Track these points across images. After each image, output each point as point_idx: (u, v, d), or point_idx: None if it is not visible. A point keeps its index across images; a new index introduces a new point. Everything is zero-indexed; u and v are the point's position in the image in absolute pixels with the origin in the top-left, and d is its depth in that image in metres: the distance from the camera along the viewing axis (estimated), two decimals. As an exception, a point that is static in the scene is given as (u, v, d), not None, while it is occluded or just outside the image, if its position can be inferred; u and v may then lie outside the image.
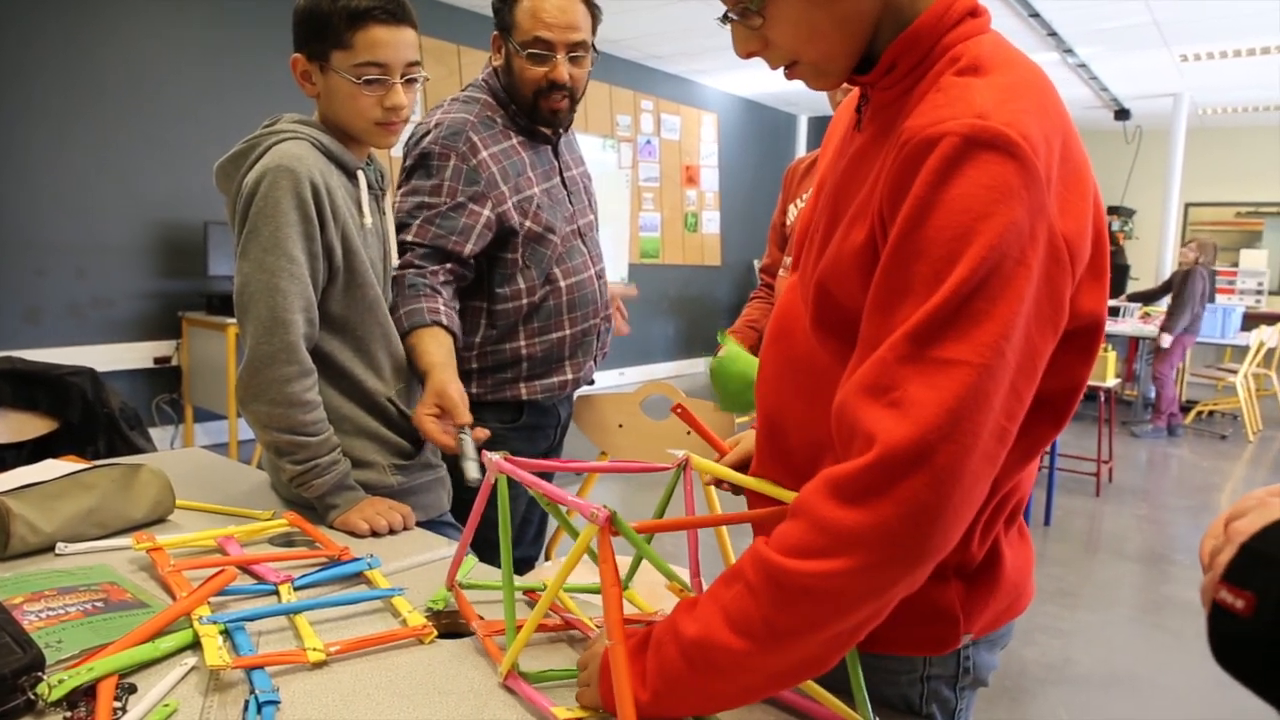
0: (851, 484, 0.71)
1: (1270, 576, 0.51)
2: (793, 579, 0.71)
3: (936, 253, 0.70)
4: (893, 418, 0.70)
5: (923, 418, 0.68)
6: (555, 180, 1.78)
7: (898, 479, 0.69)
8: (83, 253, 4.55)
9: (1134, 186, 10.28)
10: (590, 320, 1.84)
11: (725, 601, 0.76)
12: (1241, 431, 7.07)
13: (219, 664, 0.87)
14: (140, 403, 4.74)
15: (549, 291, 1.76)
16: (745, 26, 0.83)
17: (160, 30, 4.73)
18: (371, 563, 1.20)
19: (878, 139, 0.82)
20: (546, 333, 1.77)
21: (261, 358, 1.32)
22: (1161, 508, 4.82)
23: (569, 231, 1.78)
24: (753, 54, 0.85)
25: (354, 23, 1.34)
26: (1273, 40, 6.50)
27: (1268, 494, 0.61)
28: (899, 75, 0.81)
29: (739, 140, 9.41)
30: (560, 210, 1.77)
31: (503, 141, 1.70)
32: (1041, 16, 5.97)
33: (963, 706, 0.95)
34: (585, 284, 1.81)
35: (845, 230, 0.82)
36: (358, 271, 1.43)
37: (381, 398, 1.48)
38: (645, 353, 8.51)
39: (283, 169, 1.32)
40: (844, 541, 0.70)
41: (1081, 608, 3.37)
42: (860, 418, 0.72)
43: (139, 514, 1.32)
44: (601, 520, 0.75)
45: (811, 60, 0.84)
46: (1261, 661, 0.50)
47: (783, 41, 0.82)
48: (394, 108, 1.40)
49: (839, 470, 0.72)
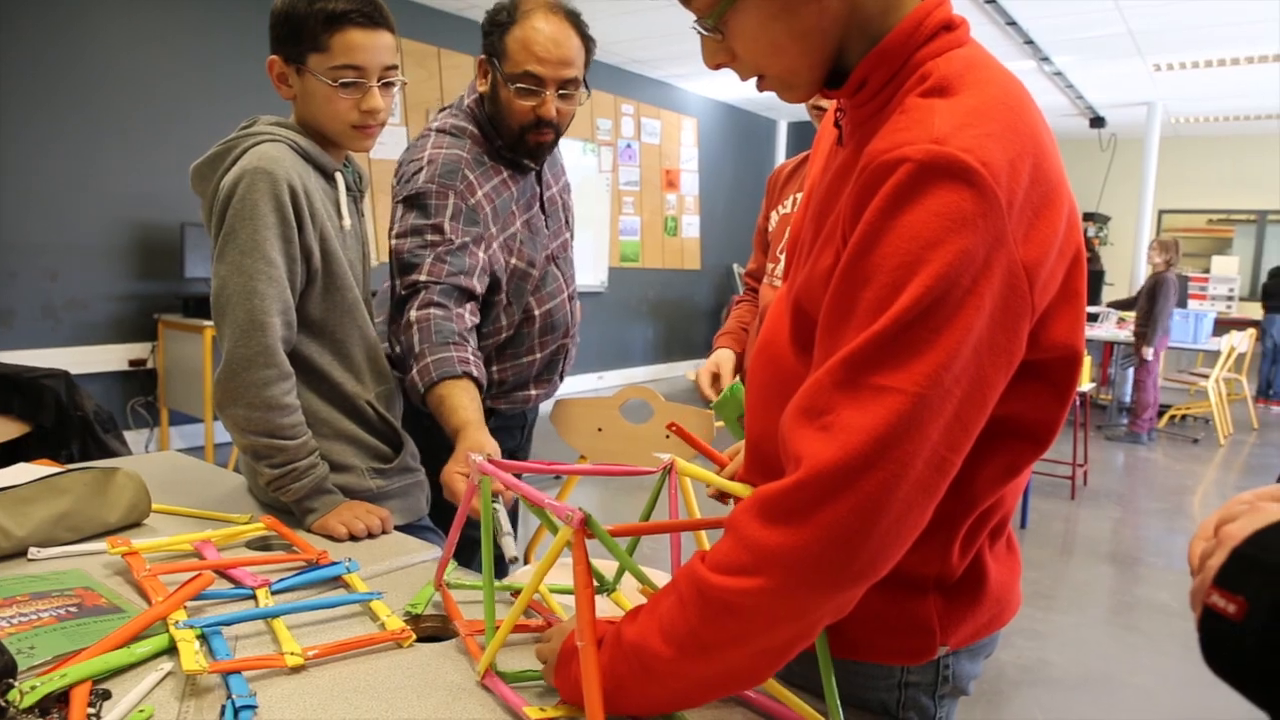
0: (777, 504, 0.71)
1: (1262, 581, 0.51)
2: (716, 594, 0.72)
3: (882, 280, 0.69)
4: (821, 440, 0.70)
5: (850, 443, 0.68)
6: (535, 208, 1.75)
7: (822, 502, 0.69)
8: (56, 254, 4.50)
9: (1109, 193, 10.41)
10: (560, 341, 1.83)
11: (660, 611, 0.77)
12: (1213, 435, 7.17)
13: (195, 669, 0.86)
14: (115, 406, 4.69)
15: (523, 320, 1.74)
16: (713, 39, 0.83)
17: (137, 30, 4.69)
18: (350, 567, 1.19)
19: (856, 155, 0.81)
20: (517, 358, 1.77)
21: (239, 361, 1.31)
22: (1135, 511, 4.87)
23: (544, 258, 1.75)
24: (721, 65, 0.85)
25: (331, 26, 1.33)
26: (1243, 52, 6.61)
27: (1257, 497, 0.62)
28: (870, 93, 0.80)
29: (719, 145, 9.45)
30: (538, 240, 1.74)
31: (494, 178, 1.65)
32: (1019, 25, 6.04)
33: (942, 715, 0.95)
34: (558, 309, 1.79)
35: (819, 251, 0.82)
36: (336, 274, 1.43)
37: (361, 401, 1.47)
38: (624, 356, 8.51)
39: (260, 171, 1.32)
40: (764, 561, 0.70)
41: (1057, 610, 3.40)
42: (792, 438, 0.73)
43: (114, 518, 1.31)
44: (575, 523, 0.76)
45: (775, 74, 0.84)
46: (1253, 665, 0.51)
47: (746, 55, 0.82)
48: (370, 111, 1.39)
49: (768, 489, 0.72)
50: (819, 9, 0.78)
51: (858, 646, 0.87)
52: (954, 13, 0.81)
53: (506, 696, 0.87)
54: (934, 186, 0.69)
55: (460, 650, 1.00)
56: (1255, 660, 0.50)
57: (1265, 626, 0.50)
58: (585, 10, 1.74)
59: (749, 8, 0.78)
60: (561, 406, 2.12)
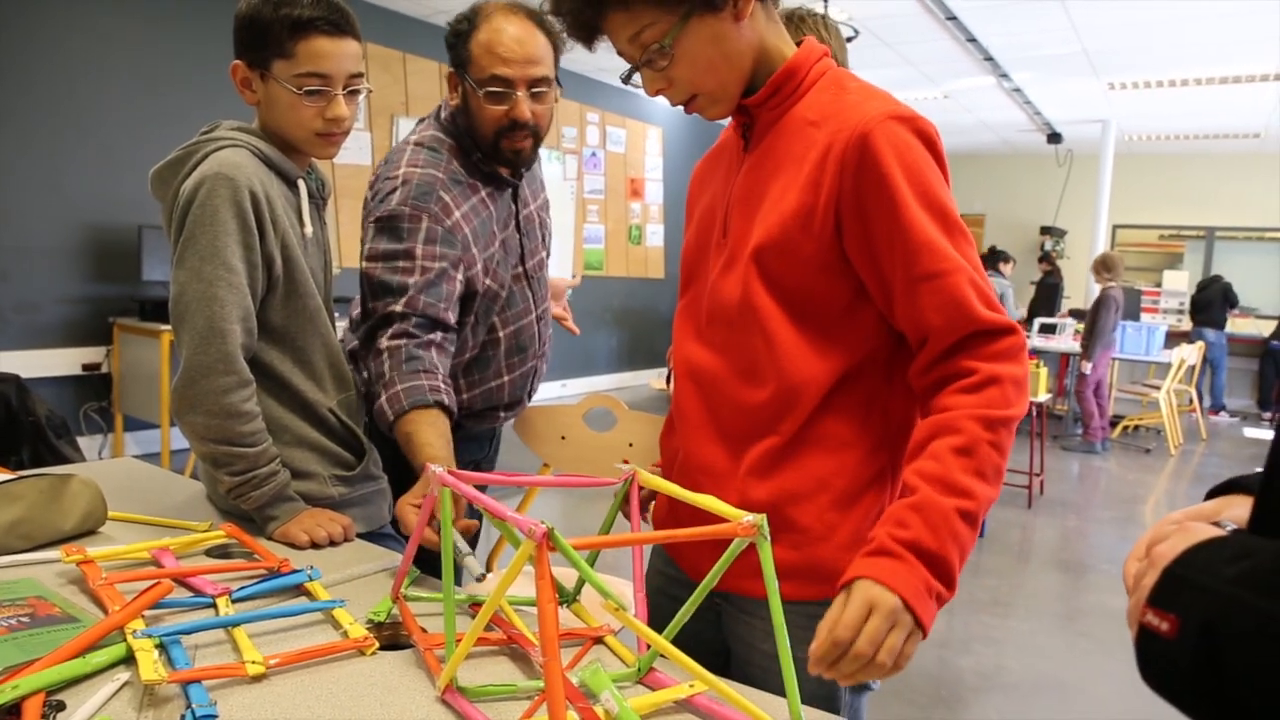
0: (1009, 352, 0.99)
1: (1192, 599, 0.53)
2: (1012, 422, 0.98)
3: (936, 203, 1.00)
4: (999, 314, 1.00)
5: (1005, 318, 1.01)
6: (510, 228, 1.70)
7: (1023, 348, 1.01)
8: (6, 255, 4.40)
9: (1065, 207, 10.63)
10: (529, 363, 1.80)
11: (974, 464, 0.95)
12: (1164, 445, 7.33)
13: (154, 678, 0.85)
14: (68, 411, 4.58)
15: (488, 341, 1.70)
16: (652, 70, 1.05)
17: (94, 28, 4.60)
18: (312, 575, 1.18)
19: (774, 144, 1.09)
20: (485, 383, 1.73)
21: (198, 368, 1.29)
22: (1089, 519, 4.97)
23: (513, 277, 1.71)
24: (660, 92, 1.08)
25: (296, 32, 1.32)
26: (1192, 74, 6.80)
27: (1185, 517, 0.65)
28: (784, 96, 1.08)
29: (683, 154, 9.49)
30: (511, 259, 1.70)
31: (471, 197, 1.59)
32: (978, 42, 6.16)
33: None
34: (525, 330, 1.75)
35: (771, 207, 1.06)
36: (298, 281, 1.41)
37: (323, 408, 1.46)
38: (588, 364, 8.50)
39: (222, 177, 1.30)
40: (1022, 390, 1.00)
41: (1013, 617, 3.46)
42: (982, 317, 0.99)
43: (69, 525, 1.28)
44: (539, 537, 0.76)
45: (709, 90, 1.07)
46: (1186, 681, 0.52)
47: (685, 77, 1.05)
48: (335, 119, 1.38)
49: (1003, 346, 0.99)
50: (739, 36, 1.04)
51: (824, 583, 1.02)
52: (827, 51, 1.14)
53: (468, 714, 0.87)
54: (929, 136, 1.03)
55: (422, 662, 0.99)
56: (1188, 676, 0.52)
57: (1196, 644, 0.51)
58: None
59: (692, 33, 1.01)
60: (525, 414, 2.11)
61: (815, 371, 1.06)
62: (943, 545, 0.91)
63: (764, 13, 1.07)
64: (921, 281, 0.99)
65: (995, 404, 0.96)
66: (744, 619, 1.14)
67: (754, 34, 1.05)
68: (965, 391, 0.97)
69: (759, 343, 1.08)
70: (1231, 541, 0.56)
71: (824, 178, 1.02)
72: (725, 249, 1.13)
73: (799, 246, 1.04)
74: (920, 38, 6.04)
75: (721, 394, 1.13)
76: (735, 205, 1.12)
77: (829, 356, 1.06)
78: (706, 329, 1.16)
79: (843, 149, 1.00)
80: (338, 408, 1.47)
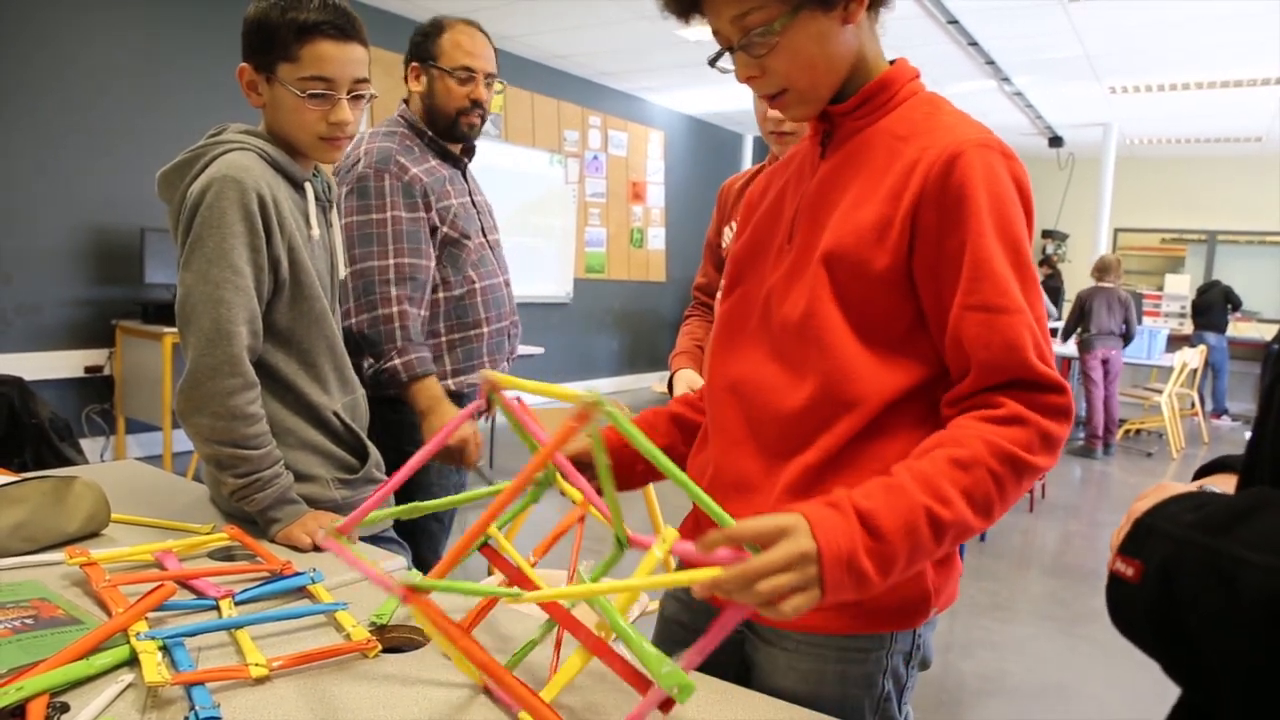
0: (1055, 408, 0.93)
1: (1155, 545, 0.56)
2: (1029, 469, 0.91)
3: (1014, 238, 0.96)
4: (1047, 368, 0.94)
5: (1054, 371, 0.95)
6: (466, 199, 2.04)
7: (1067, 413, 0.95)
8: (9, 257, 4.40)
9: (1067, 211, 10.62)
10: (503, 322, 2.10)
11: (962, 487, 0.88)
12: (1166, 449, 7.33)
13: (158, 680, 0.85)
14: (70, 413, 4.58)
15: (466, 292, 2.01)
16: (749, 55, 1.00)
17: (97, 31, 4.62)
18: (315, 577, 1.18)
19: (853, 154, 1.04)
20: (465, 329, 2.02)
21: (204, 370, 1.30)
22: (1091, 523, 4.97)
23: (480, 242, 2.05)
24: (750, 80, 1.03)
25: (302, 36, 1.33)
26: (1194, 77, 6.80)
27: (1170, 483, 0.68)
28: (873, 107, 1.04)
29: (685, 157, 9.50)
30: (473, 224, 2.03)
31: (424, 163, 1.95)
32: (980, 45, 6.16)
33: (910, 684, 1.07)
34: (497, 288, 2.08)
35: (845, 215, 1.01)
36: (304, 284, 1.42)
37: (327, 411, 1.46)
38: (589, 368, 8.51)
39: (229, 179, 1.31)
40: (1053, 444, 0.93)
41: (1015, 621, 3.46)
42: (1029, 366, 0.93)
43: (72, 528, 1.29)
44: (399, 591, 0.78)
45: (800, 88, 1.02)
46: (1148, 622, 0.55)
47: (781, 69, 1.00)
48: (338, 123, 1.39)
49: (1046, 400, 0.93)
50: (843, 40, 1.00)
51: (861, 619, 0.99)
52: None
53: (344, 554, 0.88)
54: (1020, 176, 0.99)
55: (430, 658, 0.99)
56: (1148, 618, 0.55)
57: (1156, 587, 0.54)
58: (555, 22, 1.82)
59: (799, 26, 0.97)
60: (527, 416, 2.11)
61: (869, 389, 0.99)
62: (895, 531, 0.83)
63: (869, 22, 1.04)
64: (977, 311, 0.94)
65: (1016, 442, 0.90)
66: (764, 648, 1.08)
67: (856, 40, 1.02)
68: (988, 421, 0.92)
69: (815, 353, 1.02)
70: (1198, 495, 0.60)
71: (906, 191, 0.97)
72: (789, 255, 1.07)
73: (871, 258, 0.98)
74: (922, 41, 6.04)
75: (765, 405, 1.06)
76: (805, 211, 1.08)
77: (886, 375, 1.00)
78: (757, 336, 1.10)
79: (929, 165, 0.96)
80: (342, 411, 1.48)
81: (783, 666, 1.05)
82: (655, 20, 5.97)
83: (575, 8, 5.79)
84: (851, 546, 0.81)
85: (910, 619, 1.02)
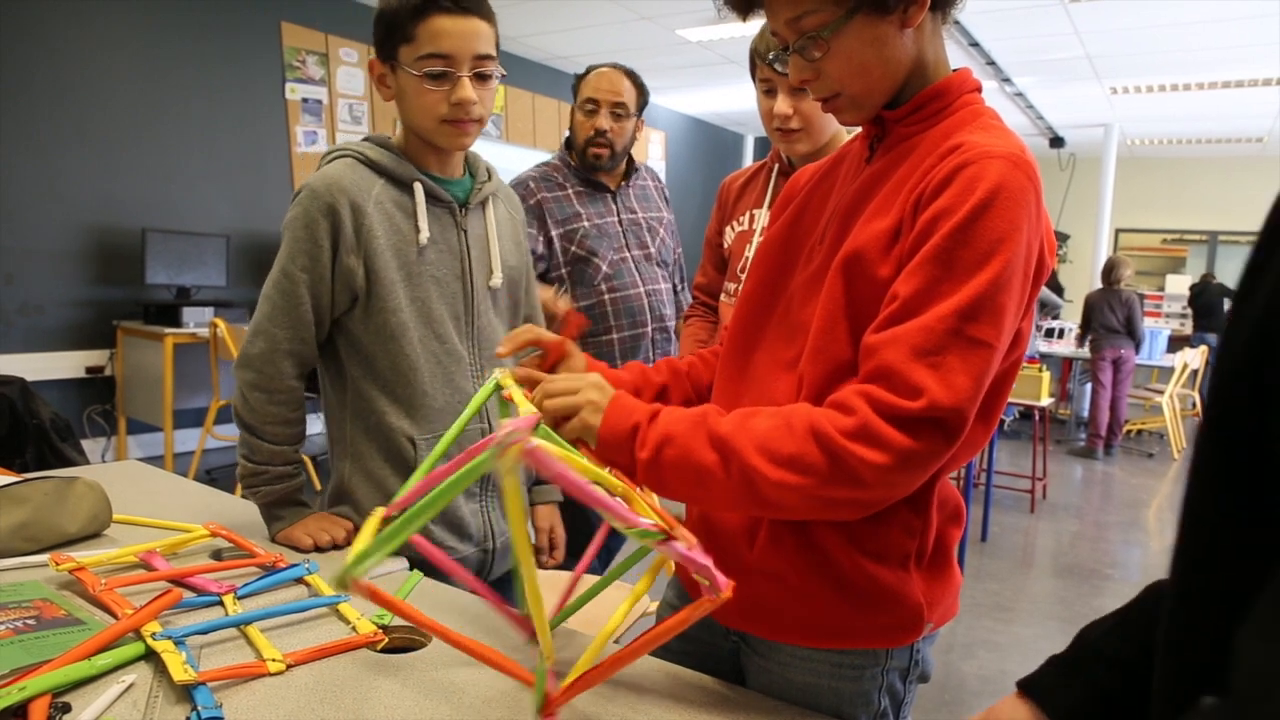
0: (900, 416, 0.85)
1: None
2: (843, 456, 0.85)
3: (981, 247, 0.87)
4: (935, 379, 0.85)
5: (958, 388, 0.85)
6: (610, 219, 2.31)
7: (931, 429, 0.85)
8: (10, 258, 4.41)
9: (1068, 212, 10.62)
10: (638, 329, 2.31)
11: (760, 433, 0.88)
12: (1167, 450, 7.33)
13: (186, 679, 0.86)
14: (71, 413, 4.59)
15: (596, 302, 2.26)
16: (804, 58, 0.98)
17: (100, 33, 4.62)
18: (310, 567, 1.19)
19: (896, 161, 1.00)
20: (596, 335, 2.25)
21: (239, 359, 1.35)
22: (1092, 524, 4.96)
23: (619, 258, 2.30)
24: (805, 82, 1.01)
25: (417, 14, 1.27)
26: (1194, 78, 6.80)
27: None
28: (925, 115, 1.00)
29: (687, 158, 9.51)
30: (605, 242, 2.28)
31: (557, 191, 2.27)
32: (981, 46, 6.16)
33: (909, 700, 1.05)
34: (633, 299, 2.31)
35: (866, 222, 0.98)
36: (378, 295, 1.34)
37: (400, 437, 1.36)
38: (592, 368, 8.50)
39: (305, 191, 1.32)
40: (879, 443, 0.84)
41: (1017, 622, 3.45)
42: (906, 369, 0.86)
43: (74, 528, 1.29)
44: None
45: (854, 93, 0.99)
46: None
47: (835, 73, 0.98)
48: (460, 103, 1.29)
49: (891, 401, 0.85)
50: (900, 44, 0.97)
51: (853, 633, 0.97)
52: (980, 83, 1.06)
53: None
54: (1021, 178, 0.89)
55: (432, 658, 0.99)
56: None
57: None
58: (556, 22, 1.78)
59: (854, 30, 0.95)
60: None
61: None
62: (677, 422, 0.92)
63: (931, 24, 1.00)
64: (891, 303, 0.90)
65: (832, 421, 0.86)
66: (757, 659, 1.07)
67: (916, 45, 0.98)
68: (826, 404, 0.90)
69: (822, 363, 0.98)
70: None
71: (910, 199, 0.94)
72: (818, 255, 1.05)
73: (877, 268, 0.94)
74: (923, 42, 6.05)
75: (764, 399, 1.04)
76: (840, 213, 1.04)
77: None
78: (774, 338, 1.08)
79: (937, 173, 0.92)
80: (418, 437, 1.37)
81: (777, 679, 1.04)
82: (656, 20, 5.98)
83: (576, 8, 5.79)
84: (629, 426, 0.93)
85: (902, 635, 0.99)
